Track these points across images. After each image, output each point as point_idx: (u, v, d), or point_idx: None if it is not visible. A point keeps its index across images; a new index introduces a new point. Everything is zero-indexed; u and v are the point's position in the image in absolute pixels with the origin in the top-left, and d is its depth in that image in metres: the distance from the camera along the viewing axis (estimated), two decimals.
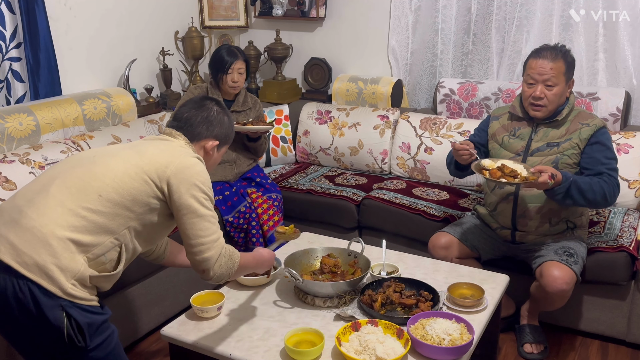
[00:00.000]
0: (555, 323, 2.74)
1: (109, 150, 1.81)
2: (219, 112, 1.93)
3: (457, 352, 1.73)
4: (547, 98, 2.42)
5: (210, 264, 1.72)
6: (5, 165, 2.59)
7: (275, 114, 3.77)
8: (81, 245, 1.62)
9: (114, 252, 1.70)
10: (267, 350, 1.80)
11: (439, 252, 2.60)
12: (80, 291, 1.61)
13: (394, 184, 3.32)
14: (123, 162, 1.72)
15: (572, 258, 2.38)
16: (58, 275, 1.57)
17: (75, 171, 1.71)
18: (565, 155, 2.45)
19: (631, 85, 3.15)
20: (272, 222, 3.12)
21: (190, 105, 1.92)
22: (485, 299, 2.04)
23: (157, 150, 1.78)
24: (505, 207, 2.57)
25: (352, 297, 2.07)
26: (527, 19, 3.32)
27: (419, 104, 3.80)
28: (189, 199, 1.71)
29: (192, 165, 1.75)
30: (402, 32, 3.71)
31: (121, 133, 3.17)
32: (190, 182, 1.72)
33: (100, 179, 1.68)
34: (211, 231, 1.73)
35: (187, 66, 4.08)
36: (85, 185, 1.66)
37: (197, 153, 1.87)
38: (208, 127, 1.89)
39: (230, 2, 4.16)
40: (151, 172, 1.71)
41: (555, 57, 2.40)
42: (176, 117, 1.91)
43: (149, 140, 1.88)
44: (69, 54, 3.31)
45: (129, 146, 1.84)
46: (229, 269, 1.75)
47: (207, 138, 1.90)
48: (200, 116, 1.89)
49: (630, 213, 2.84)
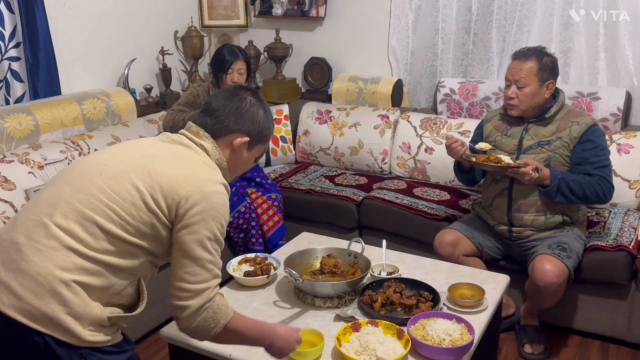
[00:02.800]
0: (556, 323, 2.74)
1: (117, 166, 1.51)
2: (253, 104, 1.63)
3: (457, 352, 1.73)
4: (518, 98, 2.49)
5: (185, 314, 1.46)
6: (4, 165, 2.58)
7: (275, 113, 3.76)
8: (92, 288, 1.43)
9: (131, 287, 1.52)
10: None
11: (445, 250, 2.60)
12: (99, 335, 1.44)
13: (394, 184, 3.32)
14: (131, 186, 1.47)
15: (564, 252, 2.40)
16: (73, 325, 1.39)
17: (78, 199, 1.46)
18: (557, 153, 2.49)
19: (632, 85, 3.14)
20: (272, 222, 3.12)
21: (222, 95, 1.64)
22: (486, 299, 2.04)
23: (172, 170, 1.49)
24: (500, 201, 2.60)
25: (352, 297, 2.07)
26: (527, 18, 3.32)
27: (419, 104, 3.80)
28: (187, 235, 1.46)
29: (211, 194, 1.48)
30: (402, 32, 3.71)
31: (120, 133, 3.16)
32: (201, 217, 1.47)
33: (105, 213, 1.44)
34: (201, 278, 1.47)
35: (186, 66, 4.07)
36: (89, 222, 1.44)
37: (223, 152, 1.62)
38: (237, 120, 1.60)
39: (230, 2, 4.15)
40: (161, 200, 1.46)
41: (527, 59, 2.47)
42: (205, 110, 1.64)
43: (165, 147, 1.58)
44: (68, 54, 3.30)
45: (141, 158, 1.53)
46: (208, 327, 1.49)
47: (235, 133, 1.61)
48: (230, 107, 1.61)
49: (630, 213, 2.84)
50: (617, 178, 2.86)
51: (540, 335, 2.61)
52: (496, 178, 2.62)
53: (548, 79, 2.48)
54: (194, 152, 1.57)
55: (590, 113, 3.04)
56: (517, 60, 2.49)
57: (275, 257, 2.31)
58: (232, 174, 1.68)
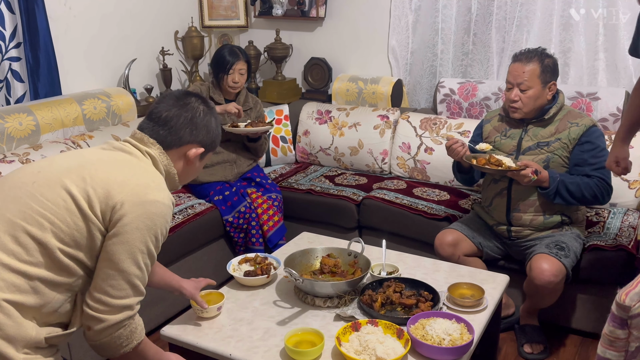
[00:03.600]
0: (556, 323, 2.74)
1: (50, 173, 1.42)
2: (206, 113, 1.59)
3: (457, 352, 1.73)
4: (521, 101, 2.49)
5: (99, 326, 1.38)
6: (4, 165, 2.59)
7: (275, 113, 3.77)
8: (25, 307, 1.32)
9: (69, 304, 1.43)
10: (267, 350, 1.79)
11: (446, 250, 2.60)
12: (37, 358, 1.35)
13: (394, 184, 3.32)
14: (64, 191, 1.37)
15: (562, 251, 2.41)
16: (5, 349, 1.29)
17: (9, 209, 1.36)
18: (556, 154, 2.50)
19: (631, 85, 3.13)
20: (272, 222, 3.12)
21: (171, 102, 1.57)
22: (485, 299, 2.04)
23: (109, 175, 1.41)
24: (499, 201, 2.60)
25: (352, 297, 2.07)
26: (527, 18, 3.32)
27: (419, 104, 3.80)
28: (117, 244, 1.37)
29: (150, 203, 1.40)
30: (402, 32, 3.71)
31: (121, 133, 3.17)
32: (134, 226, 1.38)
33: (38, 221, 1.34)
34: (124, 294, 1.38)
35: (187, 66, 4.07)
36: (20, 232, 1.33)
37: (175, 162, 1.57)
38: (192, 131, 1.56)
39: (230, 2, 4.15)
40: (96, 205, 1.37)
41: (529, 61, 2.46)
42: (152, 116, 1.56)
43: (105, 153, 1.51)
44: (68, 54, 3.30)
45: (76, 164, 1.44)
46: (119, 345, 1.42)
47: (190, 144, 1.57)
48: (184, 117, 1.55)
49: (630, 213, 2.84)
50: (616, 178, 2.86)
51: (540, 335, 2.61)
52: (495, 178, 2.62)
53: (550, 80, 2.48)
54: (136, 159, 1.50)
55: (590, 113, 3.04)
56: (519, 62, 2.48)
57: (275, 257, 2.31)
58: (181, 182, 1.63)
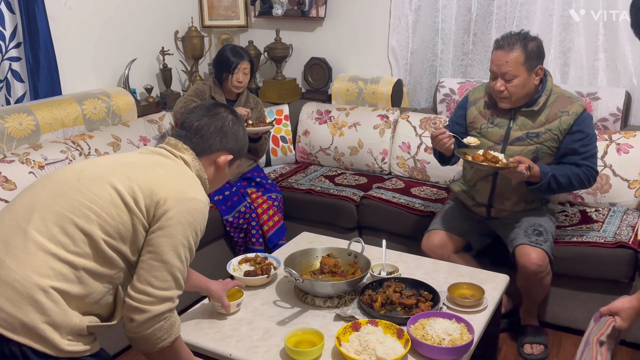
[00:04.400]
0: (556, 323, 2.74)
1: (94, 171, 1.53)
2: (235, 122, 1.70)
3: (457, 352, 1.73)
4: (508, 90, 2.40)
5: (142, 317, 1.44)
6: (5, 165, 2.58)
7: (275, 113, 3.77)
8: (70, 296, 1.40)
9: (110, 296, 1.51)
10: (267, 350, 1.80)
11: (435, 253, 2.60)
12: (78, 345, 1.42)
13: (394, 183, 3.32)
14: (110, 187, 1.46)
15: (541, 237, 2.44)
16: (51, 335, 1.37)
17: (57, 202, 1.44)
18: (545, 145, 2.47)
19: (631, 85, 3.15)
20: (272, 222, 3.12)
21: (201, 113, 1.68)
22: (485, 299, 2.04)
23: (151, 176, 1.51)
24: (484, 185, 2.60)
25: (352, 297, 2.07)
26: (527, 18, 3.32)
27: (419, 104, 3.80)
28: (161, 237, 1.45)
29: (190, 200, 1.50)
30: (402, 32, 3.71)
31: (121, 133, 3.17)
32: (177, 220, 1.46)
33: (85, 214, 1.42)
34: (167, 285, 1.45)
35: (187, 66, 4.07)
36: (68, 223, 1.41)
37: (206, 168, 1.67)
38: (222, 139, 1.67)
39: (230, 2, 4.15)
40: (141, 200, 1.46)
41: (512, 49, 2.33)
42: (184, 126, 1.68)
43: (145, 156, 1.62)
44: (68, 54, 3.30)
45: (118, 164, 1.56)
46: (159, 338, 1.46)
47: (220, 151, 1.68)
48: (214, 126, 1.66)
49: (629, 212, 2.84)
50: (616, 178, 2.87)
51: (540, 335, 2.61)
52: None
53: (536, 65, 2.38)
54: (173, 162, 1.60)
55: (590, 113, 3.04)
56: (501, 50, 2.35)
57: (275, 257, 2.31)
58: (212, 188, 1.73)
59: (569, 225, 2.75)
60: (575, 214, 2.86)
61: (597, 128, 3.06)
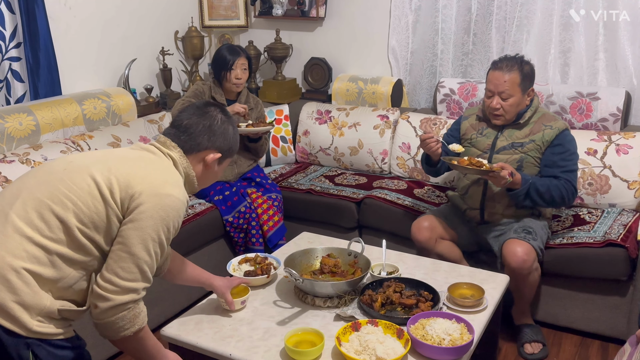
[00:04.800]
0: (555, 323, 2.74)
1: (81, 162, 1.57)
2: (224, 121, 1.73)
3: (457, 352, 1.73)
4: (503, 108, 2.57)
5: (105, 305, 1.47)
6: (5, 165, 2.59)
7: (275, 113, 3.77)
8: (43, 279, 1.44)
9: (84, 282, 1.53)
10: (267, 350, 1.80)
11: (423, 234, 2.66)
12: (48, 327, 1.46)
13: (394, 184, 3.32)
14: (89, 177, 1.50)
15: (530, 235, 2.50)
16: (20, 314, 1.41)
17: (40, 190, 1.50)
18: (529, 155, 2.59)
19: (631, 85, 3.15)
20: (272, 222, 3.12)
21: (192, 111, 1.72)
22: (485, 299, 2.04)
23: (132, 169, 1.55)
24: (475, 190, 2.70)
25: (352, 297, 2.07)
26: (527, 18, 3.32)
27: (419, 104, 3.80)
28: (132, 230, 1.48)
29: (166, 195, 1.52)
30: (402, 32, 3.71)
31: (121, 133, 3.17)
32: (149, 214, 1.49)
33: (62, 201, 1.47)
34: (132, 277, 1.48)
35: (187, 66, 4.08)
36: (45, 209, 1.46)
37: (194, 166, 1.69)
38: (210, 138, 1.70)
39: (230, 2, 4.15)
40: (117, 192, 1.50)
41: (511, 69, 2.53)
42: (175, 124, 1.72)
43: (134, 151, 1.66)
44: (68, 54, 3.30)
45: (104, 157, 1.60)
46: (121, 327, 1.49)
47: (208, 149, 1.70)
48: (202, 124, 1.69)
49: (624, 213, 2.84)
50: (615, 178, 2.87)
51: (537, 333, 2.62)
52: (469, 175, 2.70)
53: (529, 87, 2.58)
54: (159, 158, 1.64)
55: (590, 113, 3.05)
56: (499, 71, 2.55)
57: (276, 257, 2.31)
58: (201, 185, 1.76)
59: (561, 229, 2.76)
60: (568, 217, 2.87)
61: (597, 128, 3.06)
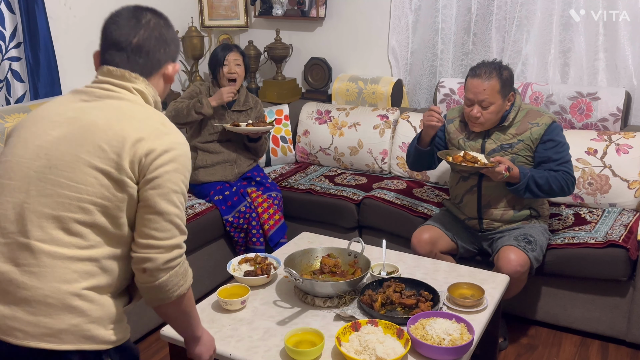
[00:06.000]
0: (556, 323, 2.75)
1: (61, 153, 1.34)
2: (167, 24, 1.51)
3: (457, 352, 1.73)
4: (483, 117, 2.51)
5: (153, 265, 1.36)
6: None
7: (275, 113, 3.77)
8: (100, 287, 1.36)
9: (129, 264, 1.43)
10: (267, 350, 1.80)
11: (424, 248, 2.62)
12: (120, 331, 1.41)
13: (394, 184, 3.32)
14: (90, 168, 1.33)
15: (530, 245, 2.47)
16: (97, 331, 1.34)
17: (43, 203, 1.32)
18: (520, 155, 2.56)
19: (631, 85, 3.15)
20: (273, 221, 3.12)
21: (132, 24, 1.46)
22: (485, 299, 2.04)
23: (122, 133, 1.34)
24: (470, 198, 2.66)
25: (352, 297, 2.07)
26: (527, 18, 3.32)
27: (419, 104, 3.80)
28: (151, 190, 1.35)
29: (171, 148, 1.38)
30: (402, 32, 3.71)
31: None
32: (164, 170, 1.36)
33: (80, 207, 1.32)
34: (169, 234, 1.37)
35: (187, 66, 4.08)
36: (69, 222, 1.32)
37: (156, 88, 1.49)
38: (165, 49, 1.47)
39: (230, 2, 4.15)
40: (124, 165, 1.33)
41: (489, 77, 2.46)
42: (120, 46, 1.43)
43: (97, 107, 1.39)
44: (68, 54, 3.30)
45: (81, 133, 1.35)
46: (176, 284, 1.40)
47: (167, 62, 1.49)
48: (154, 37, 1.45)
49: (624, 213, 2.84)
50: (615, 178, 2.87)
51: (501, 327, 2.60)
52: (464, 175, 2.66)
53: (509, 92, 2.51)
54: (130, 103, 1.41)
55: (590, 113, 3.05)
56: (478, 78, 2.47)
57: (275, 257, 2.31)
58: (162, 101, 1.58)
59: (562, 228, 2.76)
60: (568, 216, 2.87)
61: (597, 128, 3.06)
